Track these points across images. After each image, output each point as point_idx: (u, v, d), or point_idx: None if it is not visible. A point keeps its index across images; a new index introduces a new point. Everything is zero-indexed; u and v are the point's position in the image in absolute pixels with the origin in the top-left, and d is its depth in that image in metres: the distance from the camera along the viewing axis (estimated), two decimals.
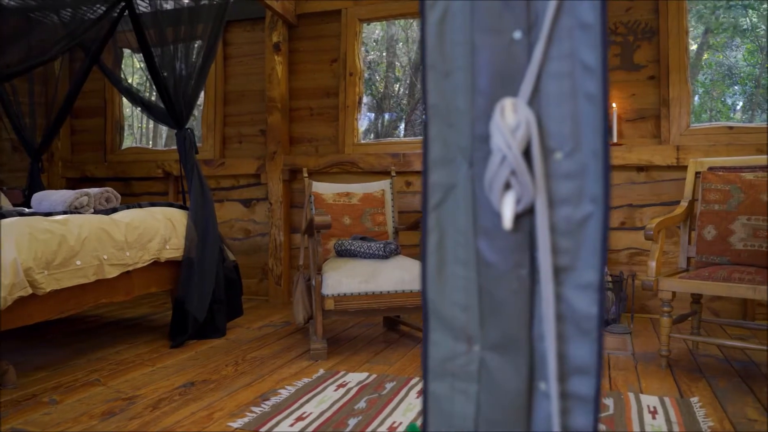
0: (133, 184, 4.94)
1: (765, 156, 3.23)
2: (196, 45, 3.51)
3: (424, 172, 0.93)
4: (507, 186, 0.88)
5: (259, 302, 4.54)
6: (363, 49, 4.64)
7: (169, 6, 3.35)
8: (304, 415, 2.34)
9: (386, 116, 5.79)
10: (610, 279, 3.58)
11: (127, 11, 3.24)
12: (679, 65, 3.76)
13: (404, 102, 6.01)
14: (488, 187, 0.88)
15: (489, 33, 0.92)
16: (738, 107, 6.16)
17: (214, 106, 4.67)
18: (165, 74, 3.37)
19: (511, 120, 0.88)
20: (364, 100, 4.64)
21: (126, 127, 6.01)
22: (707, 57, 5.89)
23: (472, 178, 0.92)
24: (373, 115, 5.79)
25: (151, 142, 6.36)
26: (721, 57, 5.83)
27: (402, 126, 6.22)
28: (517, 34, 0.90)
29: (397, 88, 5.90)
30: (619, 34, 3.89)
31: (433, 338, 0.95)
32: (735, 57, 6.20)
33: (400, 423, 2.26)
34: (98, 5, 3.21)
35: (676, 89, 3.76)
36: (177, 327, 3.41)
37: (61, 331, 3.74)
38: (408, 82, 5.92)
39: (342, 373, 2.86)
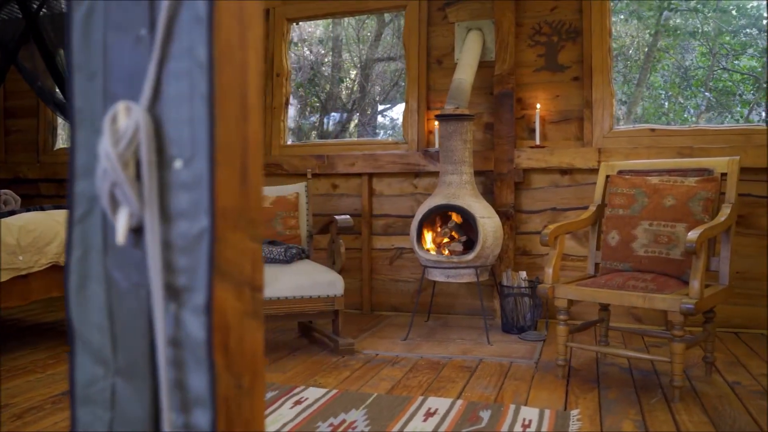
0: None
1: (674, 159, 3.16)
2: None
3: (70, 182, 0.86)
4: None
5: None
6: (307, 49, 4.56)
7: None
8: None
9: (333, 116, 5.72)
10: (526, 284, 3.50)
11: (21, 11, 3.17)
12: (602, 66, 3.68)
13: (354, 102, 5.94)
14: (100, 199, 0.81)
15: (119, 30, 0.85)
16: (692, 109, 6.08)
17: None
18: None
19: (121, 125, 0.80)
20: (310, 100, 4.55)
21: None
22: (658, 60, 5.80)
23: None
24: (318, 115, 5.72)
25: None
26: (674, 60, 5.75)
27: (353, 125, 6.14)
28: (143, 31, 0.83)
29: (343, 89, 5.83)
30: (543, 34, 3.82)
31: (78, 361, 0.88)
32: (691, 59, 6.12)
33: None
34: None
35: (599, 91, 3.68)
36: None
37: None
38: (357, 81, 5.84)
39: None
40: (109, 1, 0.86)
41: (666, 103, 6.39)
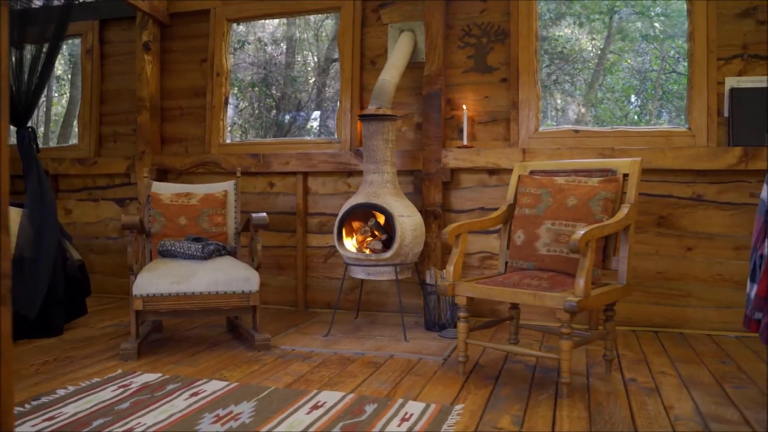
0: (15, 182, 4.92)
1: (582, 160, 3.20)
2: (35, 46, 3.52)
3: None
4: None
5: (128, 301, 4.52)
6: (262, 48, 4.59)
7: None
8: (57, 416, 2.32)
9: (288, 115, 5.77)
10: None
11: None
12: (528, 68, 3.72)
13: (308, 101, 5.99)
14: None
15: None
16: (652, 112, 6.11)
17: (89, 105, 4.66)
18: None
19: None
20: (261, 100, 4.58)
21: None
22: (613, 62, 5.84)
23: None
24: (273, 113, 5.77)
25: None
26: (628, 62, 5.78)
27: (315, 125, 6.19)
28: None
29: (298, 88, 5.88)
30: (473, 35, 3.86)
31: None
32: (649, 62, 6.15)
33: (144, 425, 2.23)
34: None
35: (525, 92, 3.73)
36: None
37: None
38: (314, 81, 5.90)
39: (137, 374, 2.84)
40: None
41: (627, 106, 6.43)
